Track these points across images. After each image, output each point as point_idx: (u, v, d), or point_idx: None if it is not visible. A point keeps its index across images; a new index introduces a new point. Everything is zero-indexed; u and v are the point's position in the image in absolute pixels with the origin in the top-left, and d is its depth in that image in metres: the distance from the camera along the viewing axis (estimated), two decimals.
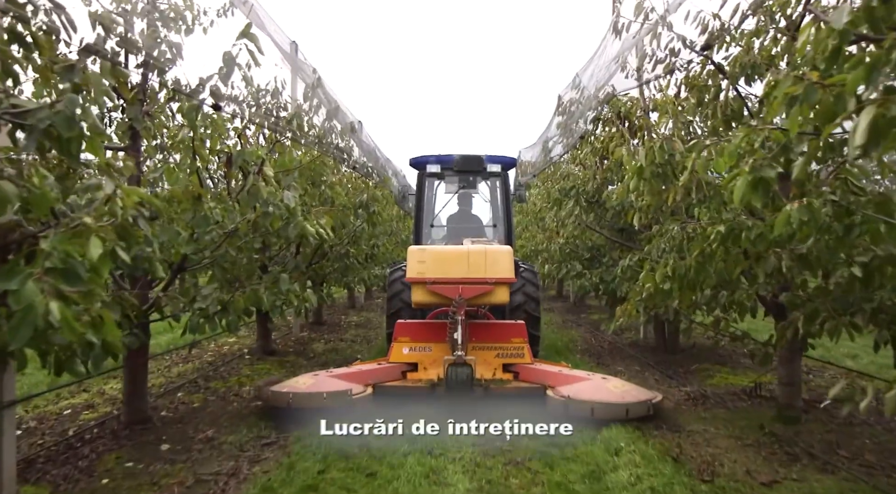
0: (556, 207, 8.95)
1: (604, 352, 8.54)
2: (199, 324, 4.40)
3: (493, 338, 6.15)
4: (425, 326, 6.28)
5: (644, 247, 7.09)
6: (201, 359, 7.77)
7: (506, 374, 5.94)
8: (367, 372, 5.81)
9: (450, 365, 5.46)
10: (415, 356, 6.04)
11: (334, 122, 6.35)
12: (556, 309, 14.41)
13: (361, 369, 5.91)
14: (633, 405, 5.01)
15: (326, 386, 5.26)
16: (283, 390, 5.18)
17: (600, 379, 5.52)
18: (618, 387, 5.30)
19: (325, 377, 5.53)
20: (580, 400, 5.04)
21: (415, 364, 6.02)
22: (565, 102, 8.54)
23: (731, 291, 5.22)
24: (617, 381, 5.51)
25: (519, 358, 6.05)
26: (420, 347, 6.08)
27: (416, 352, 6.06)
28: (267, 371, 7.06)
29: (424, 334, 6.15)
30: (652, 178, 4.61)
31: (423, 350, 6.07)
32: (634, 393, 5.25)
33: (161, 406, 5.48)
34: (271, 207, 4.26)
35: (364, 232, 8.93)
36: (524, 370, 5.95)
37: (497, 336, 6.17)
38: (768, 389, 5.93)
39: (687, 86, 5.36)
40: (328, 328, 10.83)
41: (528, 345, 6.13)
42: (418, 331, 6.17)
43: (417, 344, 6.09)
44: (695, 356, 7.91)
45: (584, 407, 4.97)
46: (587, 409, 4.95)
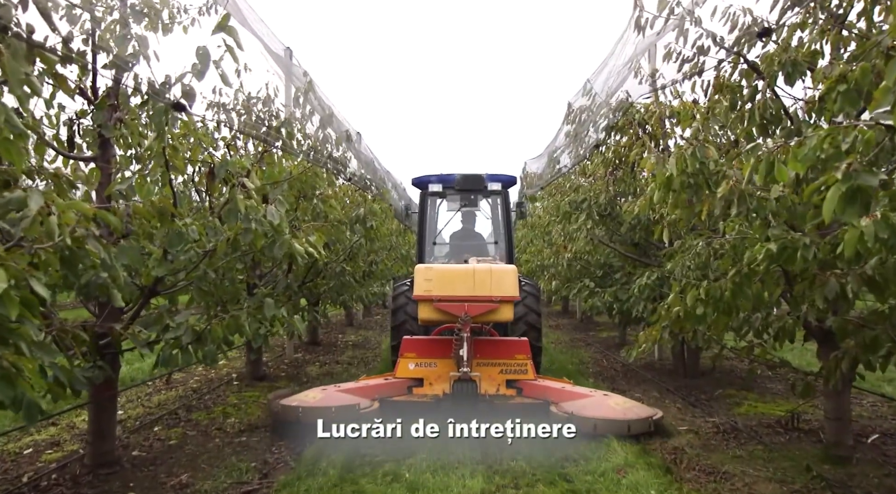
0: (566, 221, 8.44)
1: (617, 375, 7.98)
2: (172, 357, 3.88)
3: (497, 355, 6.24)
4: (431, 342, 6.36)
5: (664, 264, 6.58)
6: (186, 385, 7.23)
7: (509, 390, 6.03)
8: (374, 386, 5.95)
9: (455, 380, 5.68)
10: (421, 371, 6.15)
11: (328, 131, 5.86)
12: (562, 327, 13.84)
13: (368, 384, 6.02)
14: (635, 422, 5.11)
15: (335, 401, 5.44)
16: (293, 404, 5.34)
17: (602, 396, 5.62)
18: (619, 404, 5.41)
19: (334, 391, 5.69)
20: (583, 417, 5.12)
21: (420, 379, 6.11)
22: (575, 110, 8.07)
23: (765, 314, 4.72)
24: (619, 398, 5.61)
25: (522, 374, 6.13)
26: (426, 363, 6.19)
27: (422, 368, 6.17)
28: (255, 399, 6.52)
29: (430, 350, 6.25)
30: (682, 189, 4.10)
31: (428, 366, 6.18)
32: (636, 410, 5.34)
33: (133, 443, 4.93)
34: (253, 223, 3.76)
35: (361, 247, 8.43)
36: (528, 386, 6.05)
37: (501, 352, 6.26)
38: (806, 420, 5.39)
39: (717, 89, 4.86)
40: (324, 349, 10.28)
41: (532, 362, 6.21)
42: (424, 347, 6.28)
43: (423, 360, 6.21)
44: (716, 380, 7.36)
45: (588, 423, 5.06)
46: (590, 425, 5.04)
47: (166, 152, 3.63)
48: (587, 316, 14.18)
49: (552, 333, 12.55)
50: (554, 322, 14.99)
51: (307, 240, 4.41)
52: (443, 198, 8.62)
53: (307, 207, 5.47)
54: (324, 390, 5.74)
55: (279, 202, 3.94)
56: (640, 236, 7.41)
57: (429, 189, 8.04)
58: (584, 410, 5.25)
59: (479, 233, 9.24)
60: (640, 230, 7.25)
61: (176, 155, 3.70)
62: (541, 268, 13.01)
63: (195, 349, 3.89)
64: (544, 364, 7.43)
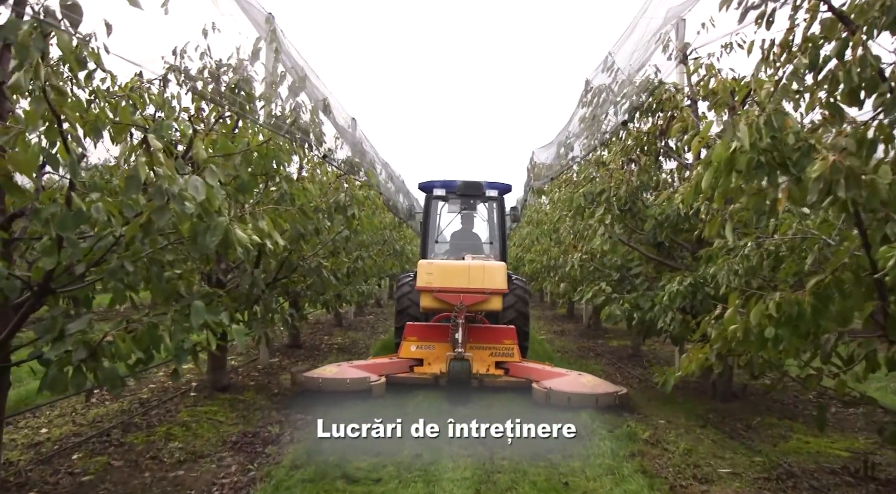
0: (579, 216, 7.40)
1: (636, 394, 6.95)
2: (58, 378, 2.87)
3: (488, 340, 7.24)
4: (430, 328, 7.35)
5: (699, 267, 5.56)
6: (134, 395, 6.21)
7: (497, 370, 7.01)
8: (381, 364, 6.96)
9: (451, 359, 6.45)
10: (421, 353, 7.15)
11: (301, 98, 4.84)
12: (568, 334, 12.77)
13: (377, 362, 7.07)
14: (602, 395, 6.00)
15: (349, 374, 6.39)
16: (314, 376, 6.35)
17: (577, 375, 6.61)
18: (590, 381, 6.38)
19: (348, 367, 6.73)
20: (559, 391, 6.03)
21: (421, 359, 7.10)
22: (594, 88, 7.04)
23: (836, 335, 3.70)
24: (590, 377, 6.61)
25: (509, 357, 7.13)
26: (426, 346, 7.18)
27: (422, 350, 7.16)
28: (211, 415, 5.51)
29: (429, 335, 7.26)
30: (749, 170, 3.08)
31: (428, 348, 7.16)
32: (604, 387, 6.28)
33: (35, 480, 3.91)
34: (171, 200, 2.74)
35: (348, 240, 7.42)
36: (514, 367, 7.03)
37: (491, 338, 7.27)
38: (879, 465, 4.37)
39: (783, 47, 3.83)
40: (305, 352, 9.25)
41: (518, 347, 7.26)
42: (424, 332, 7.29)
43: (423, 343, 7.20)
44: (752, 404, 6.34)
45: (563, 396, 5.96)
46: (565, 398, 5.94)
47: (49, 96, 2.60)
48: (594, 320, 13.15)
49: (557, 340, 11.53)
50: (559, 326, 13.95)
51: (255, 227, 3.40)
52: (445, 202, 9.71)
53: (271, 189, 4.43)
54: (339, 365, 6.79)
55: (211, 173, 2.93)
56: (667, 235, 6.38)
57: (433, 193, 9.16)
58: (560, 386, 6.16)
59: (476, 234, 10.31)
60: (668, 227, 6.22)
61: (64, 100, 2.67)
62: (547, 270, 11.99)
63: (90, 368, 2.89)
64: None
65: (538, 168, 11.68)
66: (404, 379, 6.76)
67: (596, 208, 6.69)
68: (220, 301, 3.60)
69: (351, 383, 6.17)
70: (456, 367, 6.37)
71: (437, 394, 6.41)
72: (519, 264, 15.61)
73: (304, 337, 10.68)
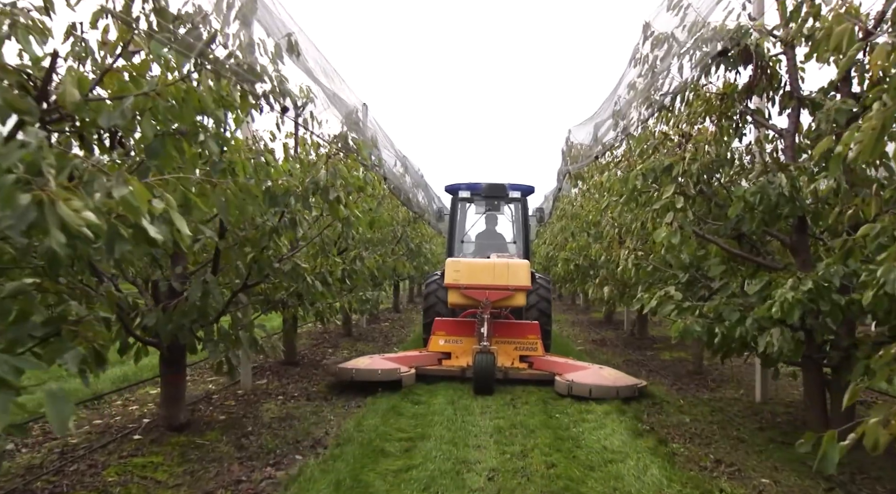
0: (633, 202, 5.80)
1: (714, 434, 5.34)
2: None
3: (512, 334, 7.61)
4: (457, 323, 7.77)
5: (822, 266, 3.96)
6: (60, 440, 4.79)
7: (522, 364, 7.39)
8: (411, 356, 7.33)
9: (477, 353, 6.66)
10: (449, 346, 7.57)
11: (253, 30, 3.38)
12: (610, 343, 11.07)
13: (407, 355, 7.46)
14: (623, 388, 6.29)
15: (381, 365, 6.66)
16: (348, 366, 6.65)
17: (598, 369, 6.81)
18: (611, 374, 6.64)
19: (379, 359, 6.98)
20: (581, 383, 6.31)
21: (448, 353, 7.52)
22: (655, 34, 5.45)
23: None
24: (611, 370, 6.85)
25: (532, 351, 7.50)
26: (453, 340, 7.60)
27: (450, 343, 7.58)
28: (151, 469, 4.07)
29: (456, 329, 7.66)
30: None
31: (455, 342, 7.57)
32: (624, 380, 6.52)
33: None
34: None
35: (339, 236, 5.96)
36: (537, 360, 7.38)
37: (515, 332, 7.63)
38: None
39: None
40: (301, 371, 7.78)
41: (541, 341, 7.60)
42: (452, 327, 7.71)
43: (451, 337, 7.63)
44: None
45: (584, 388, 6.25)
46: (586, 390, 6.23)
47: None
48: (639, 326, 11.49)
49: (598, 352, 9.89)
50: (597, 334, 12.29)
51: (127, 204, 1.95)
52: (471, 203, 10.19)
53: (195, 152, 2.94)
54: (371, 357, 7.08)
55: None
56: (759, 223, 4.76)
57: (459, 195, 9.69)
58: (582, 378, 6.40)
59: (501, 234, 10.81)
60: (763, 213, 4.60)
61: None
62: (585, 270, 10.39)
63: None
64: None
65: (576, 149, 10.07)
66: (433, 370, 7.11)
67: (661, 190, 5.11)
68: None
69: (382, 373, 6.44)
70: (481, 360, 6.54)
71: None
72: (550, 264, 14.00)
73: (303, 350, 9.27)
